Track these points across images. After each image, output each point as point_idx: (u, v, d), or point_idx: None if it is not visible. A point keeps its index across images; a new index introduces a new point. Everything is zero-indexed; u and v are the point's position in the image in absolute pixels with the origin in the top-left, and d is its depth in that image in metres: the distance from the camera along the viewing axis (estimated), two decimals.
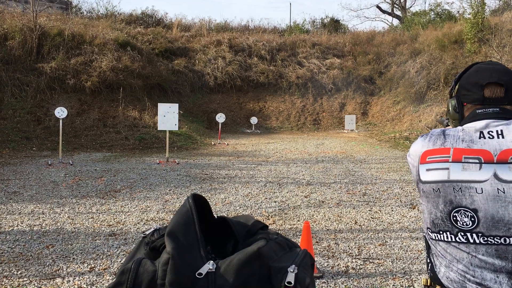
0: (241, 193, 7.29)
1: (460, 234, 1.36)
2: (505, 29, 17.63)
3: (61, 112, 10.12)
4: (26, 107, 13.82)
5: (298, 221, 5.73)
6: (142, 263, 0.98)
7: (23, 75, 14.74)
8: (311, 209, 6.31)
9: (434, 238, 1.45)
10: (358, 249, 4.68)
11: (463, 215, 1.35)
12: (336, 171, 9.47)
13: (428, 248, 1.53)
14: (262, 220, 5.60)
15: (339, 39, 24.77)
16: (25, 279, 3.82)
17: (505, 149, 1.36)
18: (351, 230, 5.36)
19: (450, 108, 1.61)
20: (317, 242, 4.88)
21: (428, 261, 1.53)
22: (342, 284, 3.82)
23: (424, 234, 1.56)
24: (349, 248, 4.71)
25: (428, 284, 1.55)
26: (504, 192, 1.32)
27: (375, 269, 4.16)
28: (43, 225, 5.39)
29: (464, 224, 1.35)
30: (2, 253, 4.42)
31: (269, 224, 5.56)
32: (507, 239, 1.31)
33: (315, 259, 4.30)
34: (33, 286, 3.69)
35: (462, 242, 1.36)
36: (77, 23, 18.28)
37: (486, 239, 1.33)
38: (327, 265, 4.23)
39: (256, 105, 21.04)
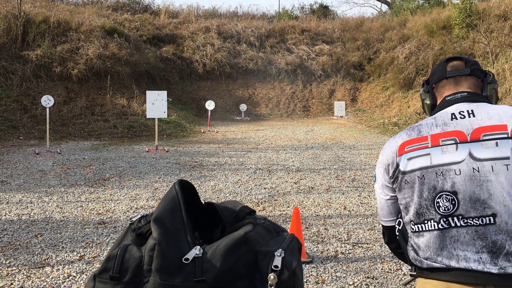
0: (231, 180, 7.29)
1: (443, 220, 1.36)
2: (493, 14, 17.69)
3: (47, 101, 9.98)
4: (12, 95, 13.61)
5: (288, 207, 5.76)
6: (128, 249, 0.98)
7: (8, 63, 14.47)
8: (300, 195, 6.35)
9: (417, 230, 1.43)
10: (347, 234, 4.73)
11: (444, 200, 1.36)
12: (325, 157, 9.51)
13: (405, 242, 1.50)
14: (252, 207, 5.62)
15: (328, 25, 24.66)
16: (14, 268, 3.80)
17: (477, 127, 1.39)
18: (340, 216, 5.40)
19: (422, 92, 1.68)
20: (306, 227, 4.92)
21: (406, 255, 1.50)
22: (332, 268, 3.86)
23: (399, 231, 1.53)
24: (338, 233, 4.75)
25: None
26: (478, 171, 1.34)
27: (364, 253, 4.21)
28: (32, 214, 5.36)
29: (446, 209, 1.36)
30: None
31: (259, 210, 5.59)
32: (484, 219, 1.32)
33: (305, 244, 4.34)
34: (22, 275, 3.67)
35: (445, 228, 1.36)
36: (63, 9, 17.95)
37: (466, 221, 1.34)
38: (317, 250, 4.27)
39: (246, 92, 20.96)
